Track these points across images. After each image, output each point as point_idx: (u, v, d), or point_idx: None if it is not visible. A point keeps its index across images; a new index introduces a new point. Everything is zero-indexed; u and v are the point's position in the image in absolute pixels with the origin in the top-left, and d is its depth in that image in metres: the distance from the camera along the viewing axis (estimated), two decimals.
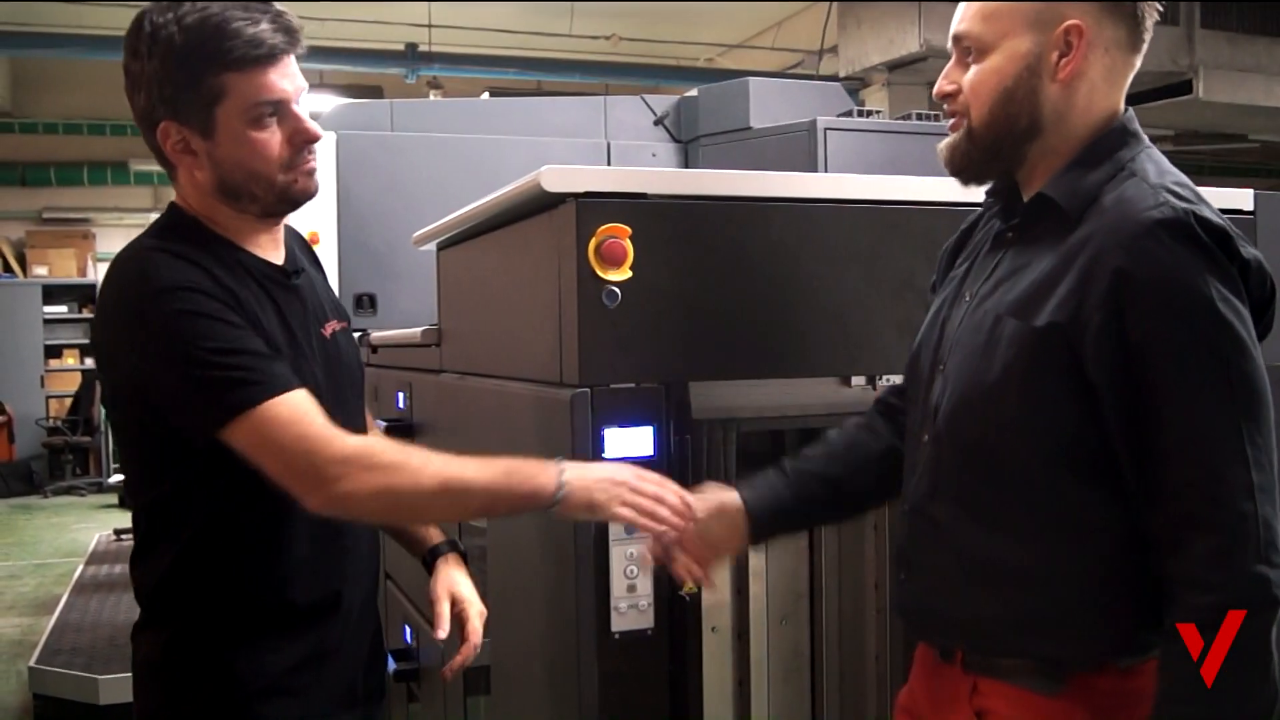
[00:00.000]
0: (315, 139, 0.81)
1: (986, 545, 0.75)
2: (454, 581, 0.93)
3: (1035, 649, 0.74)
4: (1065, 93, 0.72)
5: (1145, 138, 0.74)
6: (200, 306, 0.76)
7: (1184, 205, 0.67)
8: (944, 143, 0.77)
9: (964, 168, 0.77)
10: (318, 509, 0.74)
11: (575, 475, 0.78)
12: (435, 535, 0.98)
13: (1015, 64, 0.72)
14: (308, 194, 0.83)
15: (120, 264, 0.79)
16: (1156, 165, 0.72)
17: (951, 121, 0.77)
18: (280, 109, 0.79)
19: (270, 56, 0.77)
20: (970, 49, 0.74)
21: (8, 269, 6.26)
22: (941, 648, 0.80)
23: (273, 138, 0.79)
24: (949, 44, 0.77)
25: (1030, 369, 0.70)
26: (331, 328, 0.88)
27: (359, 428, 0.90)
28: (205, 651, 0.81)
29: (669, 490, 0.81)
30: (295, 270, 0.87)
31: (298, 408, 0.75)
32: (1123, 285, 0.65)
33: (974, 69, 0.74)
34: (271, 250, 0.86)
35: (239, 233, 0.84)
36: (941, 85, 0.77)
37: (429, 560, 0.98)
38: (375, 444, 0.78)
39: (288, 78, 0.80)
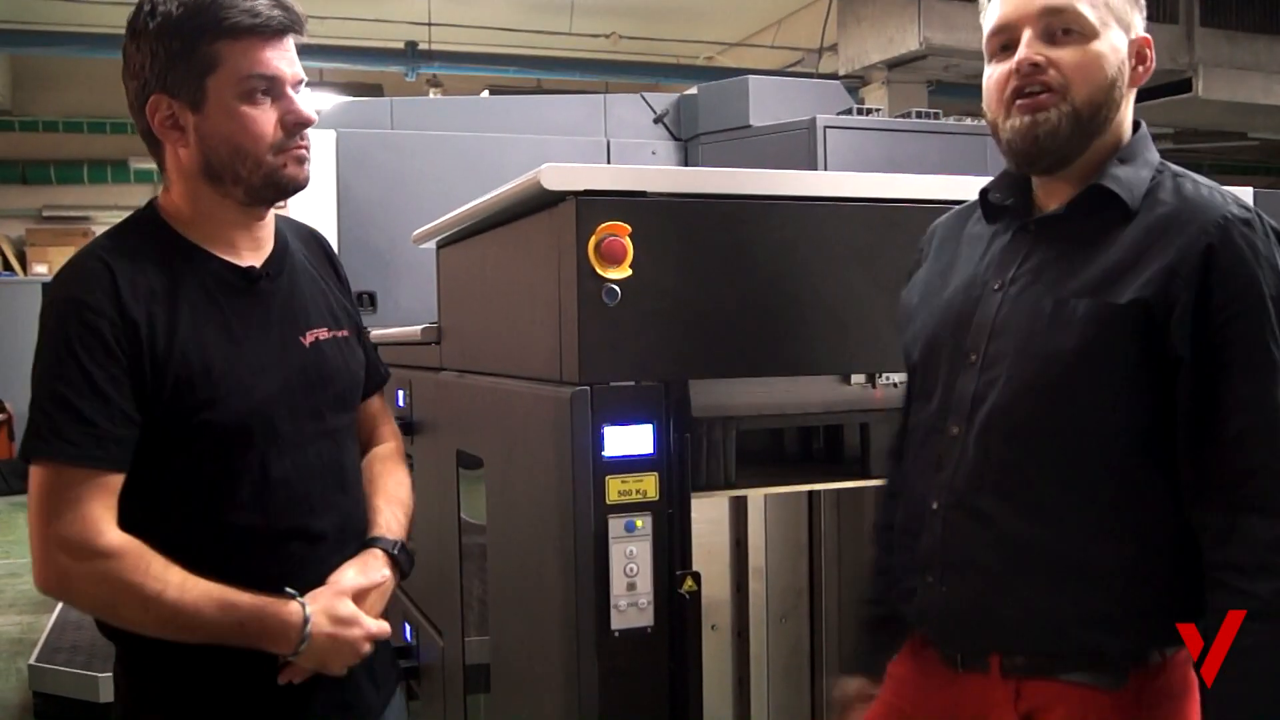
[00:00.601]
0: (307, 122, 0.77)
1: (1045, 537, 0.73)
2: (340, 576, 0.80)
3: (1098, 643, 0.73)
4: (1127, 97, 0.75)
5: None
6: (72, 336, 0.73)
7: (1247, 205, 0.73)
8: (1028, 120, 0.72)
9: (1051, 150, 0.73)
10: (38, 586, 0.73)
11: (317, 641, 0.75)
12: (383, 528, 0.86)
13: (1117, 56, 0.74)
14: (295, 182, 0.79)
15: (69, 259, 0.79)
16: (1186, 170, 0.77)
17: (1038, 96, 0.72)
18: (274, 87, 0.77)
19: (265, 28, 0.76)
20: (1067, 28, 0.73)
21: (8, 267, 6.24)
22: (968, 655, 0.77)
23: (264, 115, 0.76)
24: (1023, 14, 0.73)
25: (1111, 345, 0.70)
26: (316, 335, 0.82)
27: (342, 441, 0.83)
28: (153, 667, 0.78)
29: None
30: (267, 274, 0.81)
31: (83, 486, 0.71)
32: (1212, 265, 0.68)
33: (1077, 49, 0.72)
34: (248, 250, 0.81)
35: (211, 229, 0.79)
36: (1030, 54, 0.72)
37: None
38: (126, 558, 0.71)
39: (284, 59, 0.77)
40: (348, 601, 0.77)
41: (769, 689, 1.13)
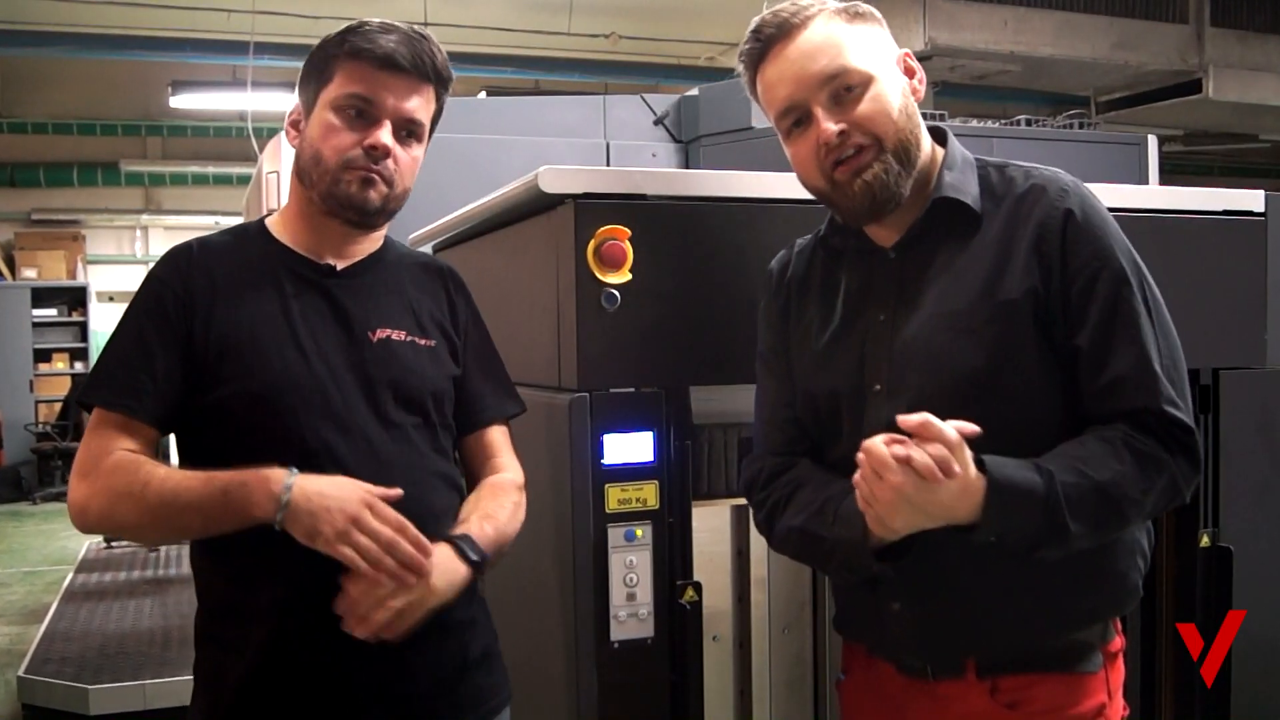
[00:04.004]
0: (379, 147, 0.81)
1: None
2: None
3: (1080, 636, 0.77)
4: (916, 111, 0.80)
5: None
6: (140, 304, 0.83)
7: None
8: (859, 182, 0.76)
9: (890, 196, 0.77)
10: (73, 524, 0.81)
11: (300, 496, 0.74)
12: (462, 525, 0.84)
13: (897, 86, 0.78)
14: (354, 200, 0.82)
15: None
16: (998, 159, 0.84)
17: (855, 158, 0.76)
18: (369, 111, 0.82)
19: (378, 58, 0.81)
20: (848, 86, 0.76)
21: None
22: (941, 665, 0.78)
23: (348, 131, 0.82)
24: (805, 90, 0.77)
25: (1017, 339, 0.75)
26: (386, 334, 0.85)
27: (412, 441, 0.83)
28: (200, 650, 0.84)
29: (406, 538, 0.75)
30: (340, 273, 0.86)
31: (114, 428, 0.80)
32: (1070, 226, 0.76)
33: (865, 101, 0.76)
34: (332, 255, 0.86)
35: (303, 232, 0.86)
36: (829, 129, 0.76)
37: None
38: (120, 464, 0.78)
39: (392, 91, 0.82)
40: (351, 480, 0.76)
41: (771, 701, 1.11)
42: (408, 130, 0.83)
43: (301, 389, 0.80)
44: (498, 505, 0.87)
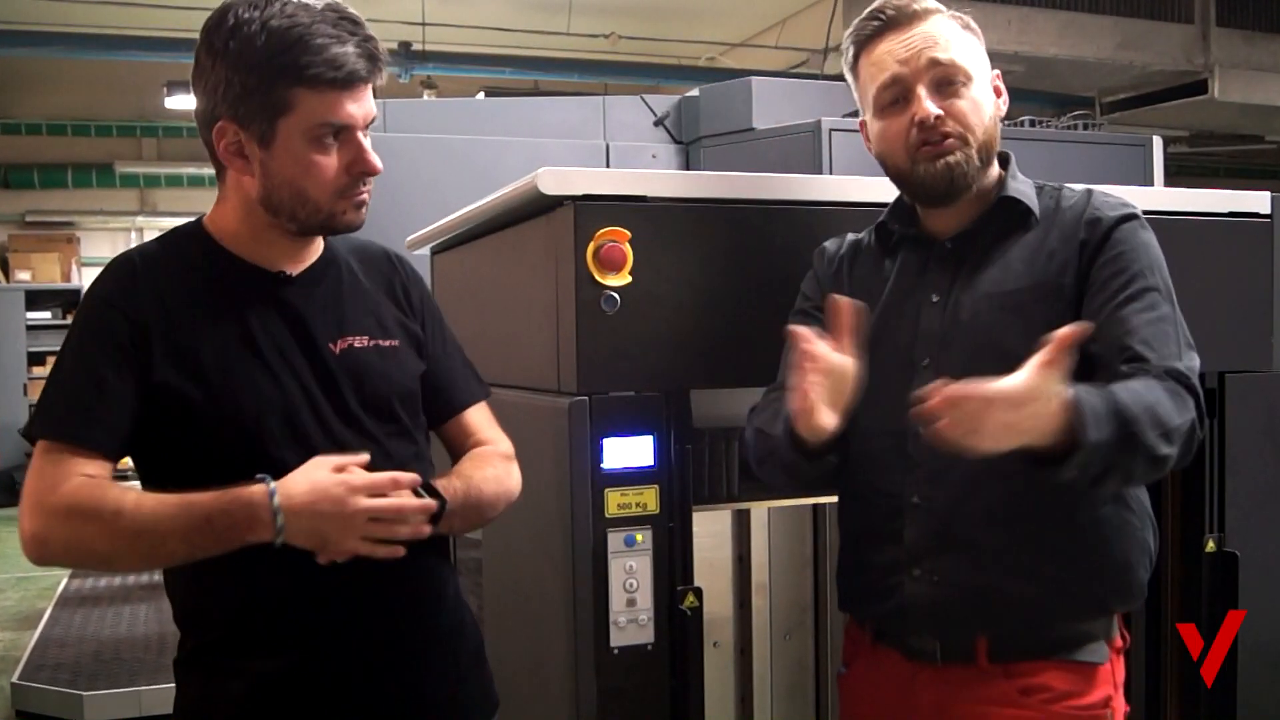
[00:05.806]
0: (374, 171, 0.78)
1: (1050, 514, 0.78)
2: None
3: (1088, 628, 0.81)
4: (998, 126, 0.87)
5: None
6: (85, 328, 0.77)
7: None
8: (942, 165, 0.82)
9: (964, 185, 0.83)
10: (27, 556, 0.74)
11: (292, 516, 0.70)
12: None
13: (990, 97, 0.86)
14: (351, 227, 0.80)
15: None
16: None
17: (941, 144, 0.82)
18: (343, 134, 0.77)
19: (347, 81, 0.75)
20: (951, 79, 0.83)
21: None
22: (952, 645, 0.80)
23: (330, 161, 0.77)
24: (913, 70, 0.83)
25: (1063, 319, 0.77)
26: (350, 342, 0.81)
27: (393, 451, 0.81)
28: (190, 677, 0.80)
29: (405, 491, 0.72)
30: (296, 281, 0.81)
31: (65, 461, 0.73)
32: (1113, 233, 0.83)
33: (964, 98, 0.83)
34: (286, 261, 0.81)
35: (252, 243, 0.80)
36: (929, 109, 0.82)
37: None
38: (82, 492, 0.72)
39: (359, 104, 0.77)
40: (325, 468, 0.72)
41: (773, 707, 1.11)
42: (368, 126, 0.79)
43: (275, 415, 0.76)
44: (474, 468, 0.84)
